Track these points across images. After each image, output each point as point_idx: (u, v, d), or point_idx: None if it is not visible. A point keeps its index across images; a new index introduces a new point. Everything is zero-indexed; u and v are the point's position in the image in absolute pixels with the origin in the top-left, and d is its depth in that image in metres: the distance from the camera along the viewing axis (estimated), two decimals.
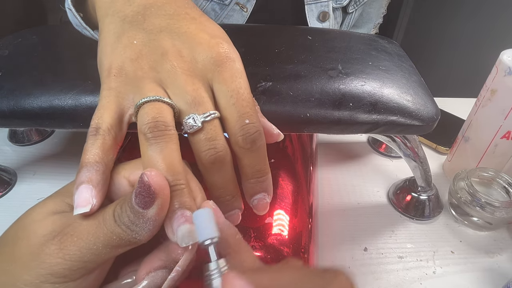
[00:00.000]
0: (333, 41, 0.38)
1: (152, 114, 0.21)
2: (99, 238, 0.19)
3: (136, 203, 0.19)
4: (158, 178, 0.19)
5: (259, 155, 0.23)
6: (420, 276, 0.38)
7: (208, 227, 0.19)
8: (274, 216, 0.32)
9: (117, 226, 0.19)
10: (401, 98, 0.32)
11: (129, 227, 0.19)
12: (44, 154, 0.50)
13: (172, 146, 0.21)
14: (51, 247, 0.19)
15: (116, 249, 0.20)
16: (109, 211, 0.20)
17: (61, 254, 0.18)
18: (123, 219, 0.19)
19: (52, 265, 0.18)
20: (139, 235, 0.19)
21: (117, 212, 0.20)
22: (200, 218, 0.20)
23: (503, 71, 0.39)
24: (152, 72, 0.23)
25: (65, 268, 0.18)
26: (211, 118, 0.22)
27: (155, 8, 0.25)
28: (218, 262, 0.19)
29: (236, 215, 0.24)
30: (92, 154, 0.21)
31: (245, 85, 0.23)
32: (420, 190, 0.43)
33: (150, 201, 0.19)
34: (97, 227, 0.19)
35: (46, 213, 0.20)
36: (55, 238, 0.19)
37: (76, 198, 0.20)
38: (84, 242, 0.19)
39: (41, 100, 0.30)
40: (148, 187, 0.19)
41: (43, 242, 0.19)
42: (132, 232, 0.19)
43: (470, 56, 1.09)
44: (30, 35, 0.39)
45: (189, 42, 0.24)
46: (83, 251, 0.19)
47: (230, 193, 0.24)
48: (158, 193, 0.19)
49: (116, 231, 0.19)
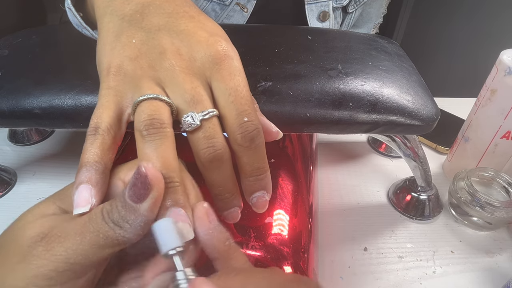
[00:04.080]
0: (333, 41, 0.38)
1: (148, 112, 0.21)
2: (85, 238, 0.19)
3: (129, 195, 0.19)
4: (154, 170, 0.19)
5: (258, 153, 0.23)
6: (420, 276, 0.38)
7: (170, 237, 0.19)
8: (274, 215, 0.32)
9: (105, 223, 0.19)
10: (401, 98, 0.32)
11: (118, 224, 0.19)
12: (44, 154, 0.50)
13: (168, 143, 0.21)
14: (38, 248, 0.18)
15: (104, 249, 0.19)
16: (96, 209, 0.19)
17: (48, 255, 0.18)
18: (112, 216, 0.19)
19: (38, 267, 0.18)
20: (127, 233, 0.19)
21: (106, 209, 0.19)
22: (161, 229, 0.19)
23: (503, 71, 0.39)
24: (151, 71, 0.23)
25: (51, 270, 0.18)
26: (209, 116, 0.22)
27: (153, 7, 0.25)
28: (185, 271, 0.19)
29: (236, 213, 0.24)
30: (91, 154, 0.21)
31: (243, 83, 0.23)
32: (420, 190, 0.43)
33: (145, 194, 0.19)
34: (83, 226, 0.19)
35: (37, 215, 0.20)
36: (43, 240, 0.18)
37: (75, 198, 0.20)
38: (70, 242, 0.18)
39: (41, 100, 0.30)
40: (145, 177, 0.19)
41: (30, 244, 0.18)
42: (120, 230, 0.19)
43: (470, 56, 1.09)
44: (30, 35, 0.39)
45: (188, 40, 0.24)
46: (69, 251, 0.18)
47: (229, 191, 0.24)
48: (153, 184, 0.19)
49: (102, 229, 0.19)
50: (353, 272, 0.38)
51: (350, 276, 0.37)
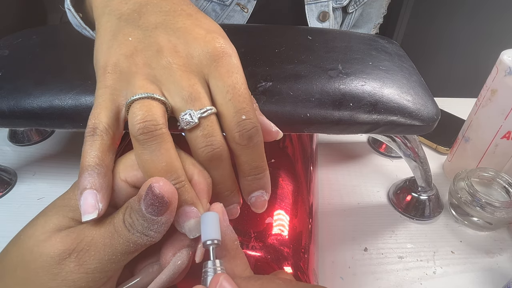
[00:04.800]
0: (333, 41, 0.38)
1: (140, 114, 0.21)
2: (116, 249, 0.19)
3: (148, 212, 0.19)
4: (167, 186, 0.20)
5: (256, 152, 0.23)
6: (420, 276, 0.38)
7: (213, 229, 0.20)
8: (274, 216, 0.32)
9: (132, 234, 0.20)
10: (401, 98, 0.32)
11: (144, 233, 0.20)
12: (44, 154, 0.50)
13: (165, 144, 0.21)
14: (70, 264, 0.19)
15: (133, 253, 0.20)
16: (118, 221, 0.20)
17: (82, 270, 0.19)
18: (137, 228, 0.20)
19: (75, 281, 0.19)
20: (153, 238, 0.20)
21: (128, 222, 0.20)
22: (207, 220, 0.20)
23: (503, 71, 0.39)
24: (147, 68, 0.23)
25: (88, 281, 0.19)
26: (207, 114, 0.22)
27: (151, 6, 0.25)
28: (215, 262, 0.20)
29: (235, 209, 0.24)
30: (92, 157, 0.20)
31: (241, 80, 0.23)
32: (420, 190, 0.43)
33: (164, 209, 0.19)
34: (112, 239, 0.20)
35: (50, 231, 0.20)
36: (71, 256, 0.19)
37: (82, 205, 0.20)
38: (102, 254, 0.19)
39: (41, 100, 0.30)
40: (162, 197, 0.19)
41: (59, 261, 0.19)
42: (147, 236, 0.20)
43: (470, 56, 1.09)
44: (30, 35, 0.39)
45: (185, 37, 0.23)
46: (103, 262, 0.19)
47: (228, 188, 0.24)
48: (171, 201, 0.20)
49: (132, 239, 0.20)
50: (353, 273, 0.38)
51: (350, 277, 0.37)
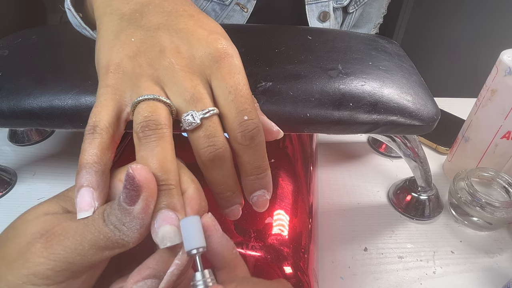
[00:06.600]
0: (333, 41, 0.38)
1: (145, 113, 0.21)
2: (86, 238, 0.19)
3: (123, 198, 0.19)
4: (143, 171, 0.19)
5: (258, 152, 0.23)
6: (420, 276, 0.38)
7: (196, 236, 0.19)
8: (274, 216, 0.32)
9: (105, 225, 0.19)
10: (401, 98, 0.32)
11: (117, 226, 0.19)
12: (44, 154, 0.50)
13: (163, 145, 0.21)
14: (37, 245, 0.18)
15: (103, 250, 0.19)
16: (98, 211, 0.20)
17: (46, 253, 0.18)
18: (111, 218, 0.19)
19: (35, 265, 0.18)
20: (126, 236, 0.19)
21: (107, 212, 0.19)
22: (189, 225, 0.19)
23: (503, 71, 0.39)
24: (150, 70, 0.23)
25: (48, 268, 0.18)
26: (210, 114, 0.22)
27: (152, 6, 0.25)
28: (204, 273, 0.19)
29: (237, 210, 0.24)
30: (90, 155, 0.20)
31: (243, 81, 0.23)
32: (420, 190, 0.43)
33: (136, 195, 0.19)
34: (85, 227, 0.19)
35: (38, 213, 0.19)
36: (42, 237, 0.18)
37: (78, 202, 0.20)
38: (70, 241, 0.18)
39: (41, 100, 0.30)
40: (132, 179, 0.19)
41: (30, 241, 0.18)
42: (119, 232, 0.19)
43: (470, 56, 1.09)
44: (30, 35, 0.39)
45: (187, 38, 0.24)
46: (68, 250, 0.18)
47: (230, 189, 0.24)
48: (142, 185, 0.19)
49: (103, 231, 0.19)
50: (353, 272, 0.38)
51: (350, 276, 0.37)
